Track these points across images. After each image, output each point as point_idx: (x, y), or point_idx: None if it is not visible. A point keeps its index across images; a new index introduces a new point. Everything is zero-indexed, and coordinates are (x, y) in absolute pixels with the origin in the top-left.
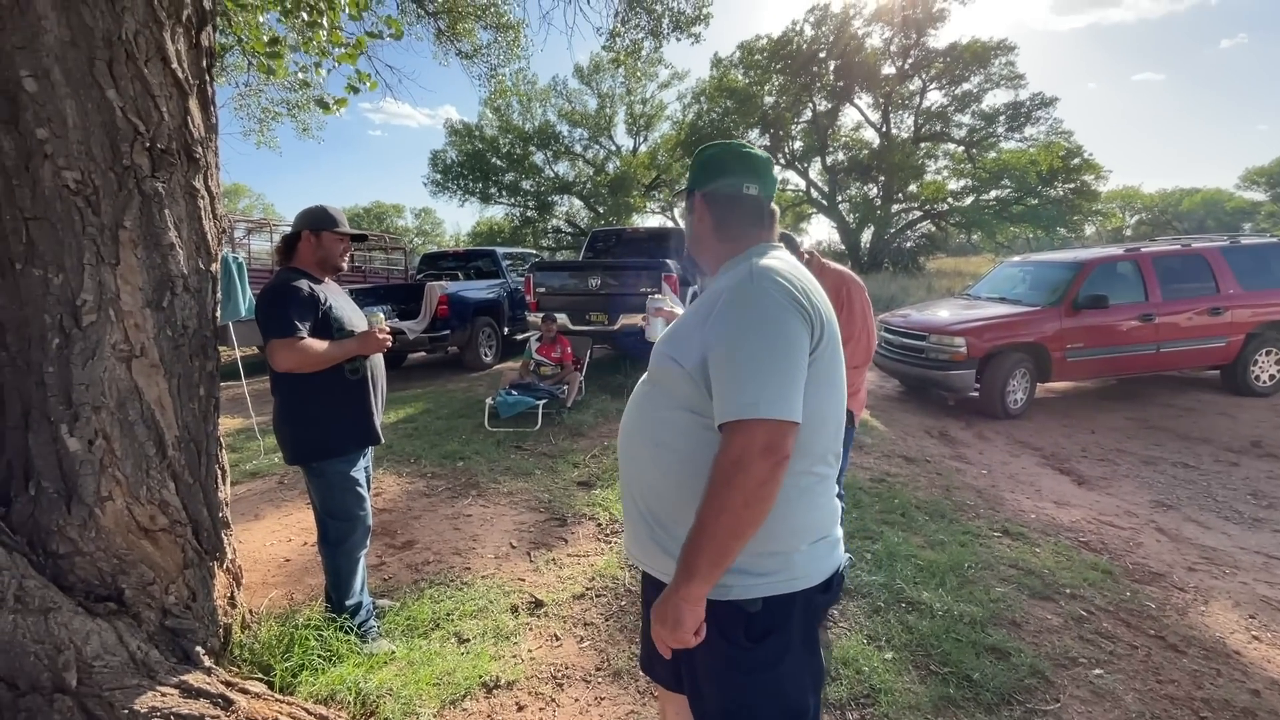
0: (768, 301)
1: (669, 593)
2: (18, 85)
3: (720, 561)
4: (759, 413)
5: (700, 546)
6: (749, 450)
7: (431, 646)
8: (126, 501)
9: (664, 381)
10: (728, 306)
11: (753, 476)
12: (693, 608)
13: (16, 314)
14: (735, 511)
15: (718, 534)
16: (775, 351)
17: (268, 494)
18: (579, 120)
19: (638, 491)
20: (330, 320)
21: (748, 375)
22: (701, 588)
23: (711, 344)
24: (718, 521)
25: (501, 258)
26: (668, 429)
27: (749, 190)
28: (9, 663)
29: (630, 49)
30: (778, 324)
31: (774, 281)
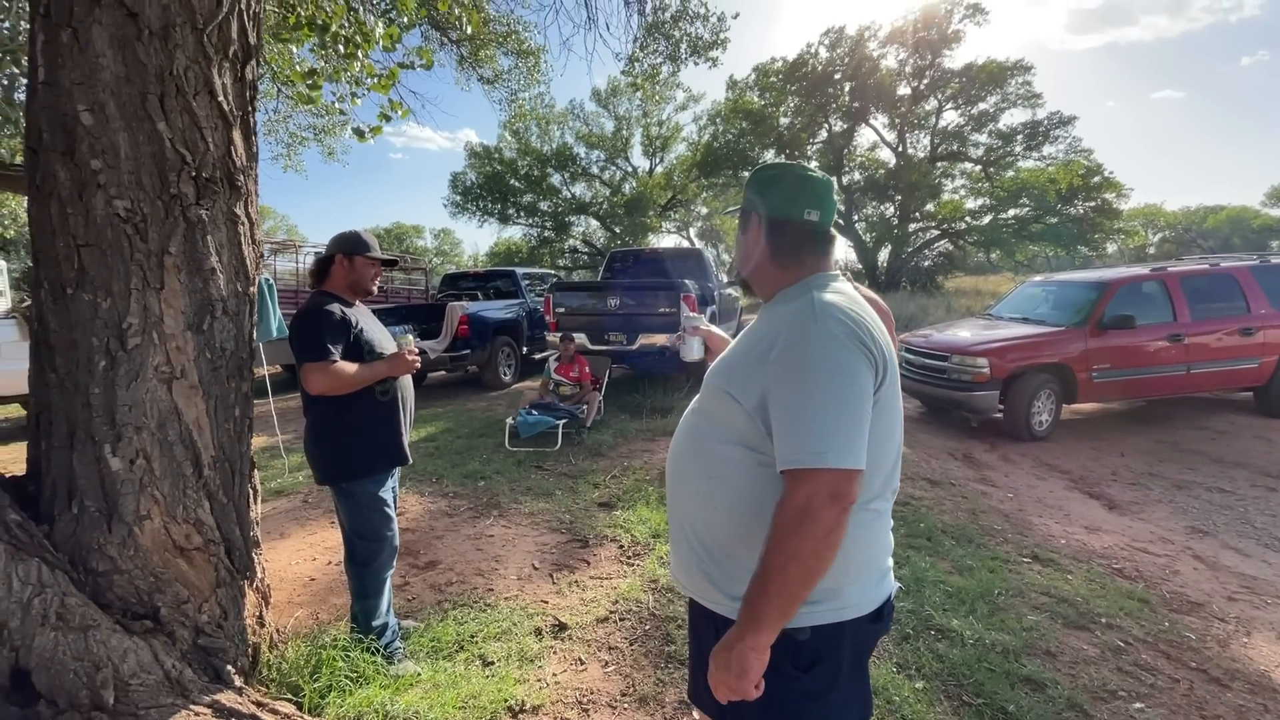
0: (834, 344)
1: (733, 640)
2: (75, 119)
3: (789, 610)
4: (826, 462)
5: (768, 595)
6: (816, 498)
7: (456, 669)
8: (164, 520)
9: (718, 414)
10: (791, 347)
11: (821, 525)
12: (759, 656)
13: (66, 337)
14: (804, 560)
15: (786, 583)
16: (842, 398)
17: (293, 512)
18: (596, 142)
19: (688, 521)
20: (361, 343)
21: (814, 422)
22: (769, 636)
23: (773, 385)
24: (786, 571)
25: (521, 278)
26: (721, 462)
27: (809, 217)
28: (50, 680)
29: (648, 73)
30: (844, 368)
31: (838, 321)
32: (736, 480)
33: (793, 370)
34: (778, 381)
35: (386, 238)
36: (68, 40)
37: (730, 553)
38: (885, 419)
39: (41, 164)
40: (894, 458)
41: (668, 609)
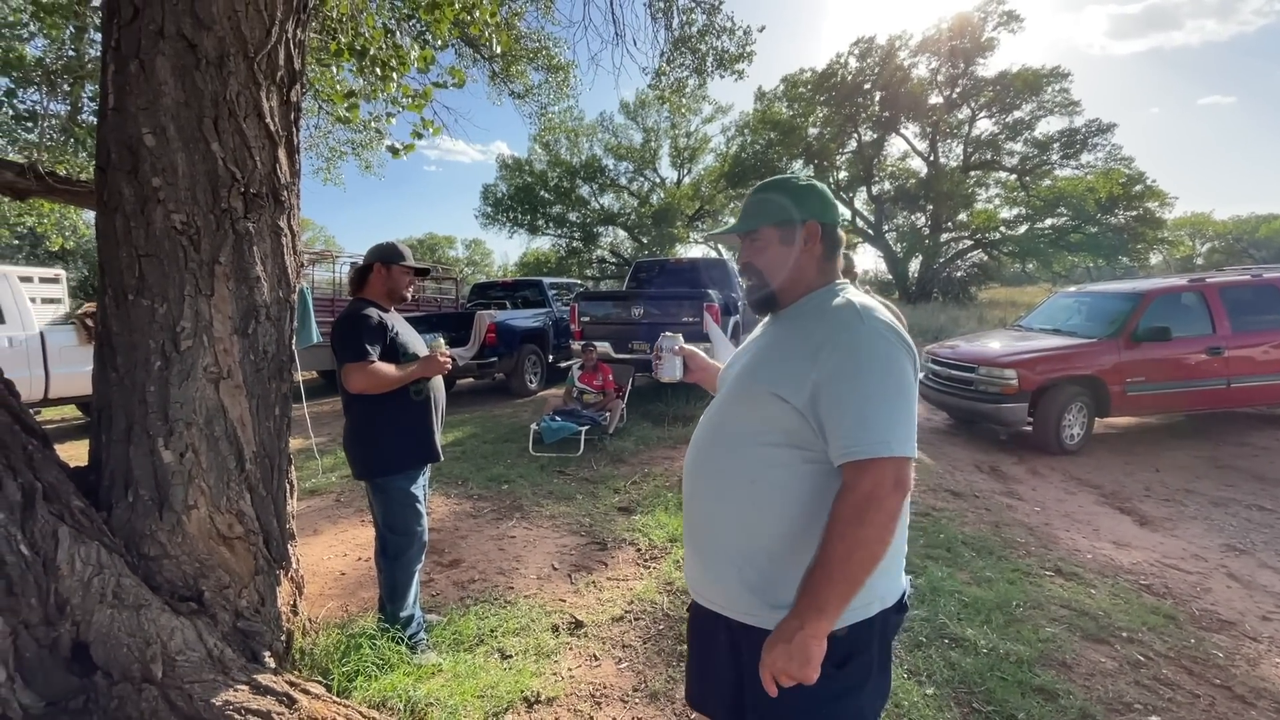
0: (884, 342)
1: (792, 630)
2: (139, 140)
3: (850, 597)
4: (891, 450)
5: (833, 582)
6: (882, 486)
7: (476, 661)
8: (209, 510)
9: (760, 416)
10: (843, 345)
11: (885, 511)
12: (820, 643)
13: (126, 339)
14: (870, 546)
15: (852, 570)
16: (898, 390)
17: (325, 510)
18: (624, 154)
19: (721, 529)
20: (396, 346)
21: (876, 413)
22: (830, 622)
23: (827, 382)
24: (852, 558)
25: (547, 287)
26: (767, 465)
27: (841, 223)
28: (106, 653)
29: (675, 86)
30: (896, 363)
31: (883, 321)
32: (785, 481)
33: (848, 365)
34: (832, 378)
35: (420, 248)
36: (135, 70)
37: (775, 557)
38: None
39: (109, 182)
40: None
41: (682, 610)
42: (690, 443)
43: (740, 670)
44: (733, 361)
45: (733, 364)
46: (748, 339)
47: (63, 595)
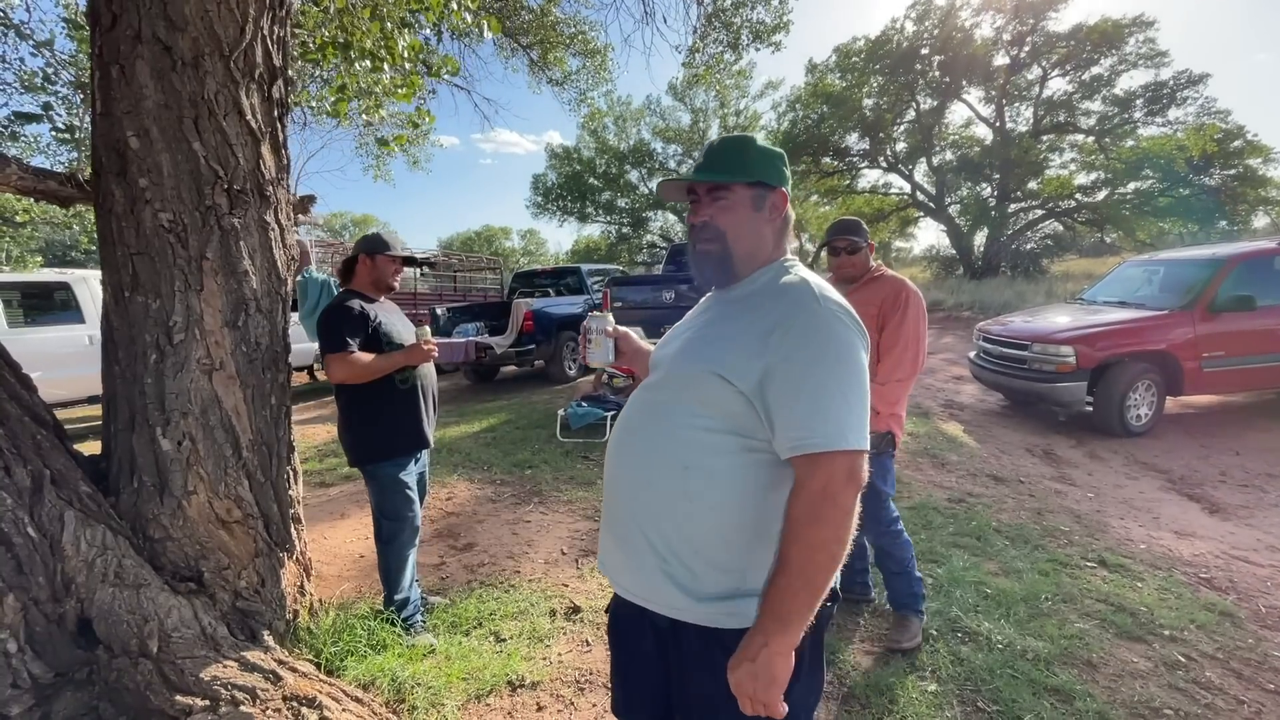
0: (840, 326)
1: (757, 647)
2: (125, 144)
3: (815, 604)
4: (847, 443)
5: (795, 591)
6: (835, 481)
7: (470, 643)
8: (208, 495)
9: (701, 398)
10: (798, 328)
11: (842, 508)
12: (786, 660)
13: (126, 334)
14: (829, 548)
15: (813, 575)
16: (854, 380)
17: (354, 496)
18: (673, 136)
19: (646, 517)
20: (380, 335)
21: (832, 403)
22: (796, 635)
23: (779, 366)
24: (813, 562)
25: (586, 274)
26: (703, 451)
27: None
28: (107, 629)
29: (710, 63)
30: (848, 346)
31: (838, 303)
32: (721, 469)
33: (803, 350)
34: (785, 362)
35: (477, 240)
36: (116, 75)
37: (701, 550)
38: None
39: (102, 184)
40: None
41: None
42: (617, 423)
43: (667, 670)
44: (669, 339)
45: (669, 342)
46: (686, 315)
47: (68, 574)
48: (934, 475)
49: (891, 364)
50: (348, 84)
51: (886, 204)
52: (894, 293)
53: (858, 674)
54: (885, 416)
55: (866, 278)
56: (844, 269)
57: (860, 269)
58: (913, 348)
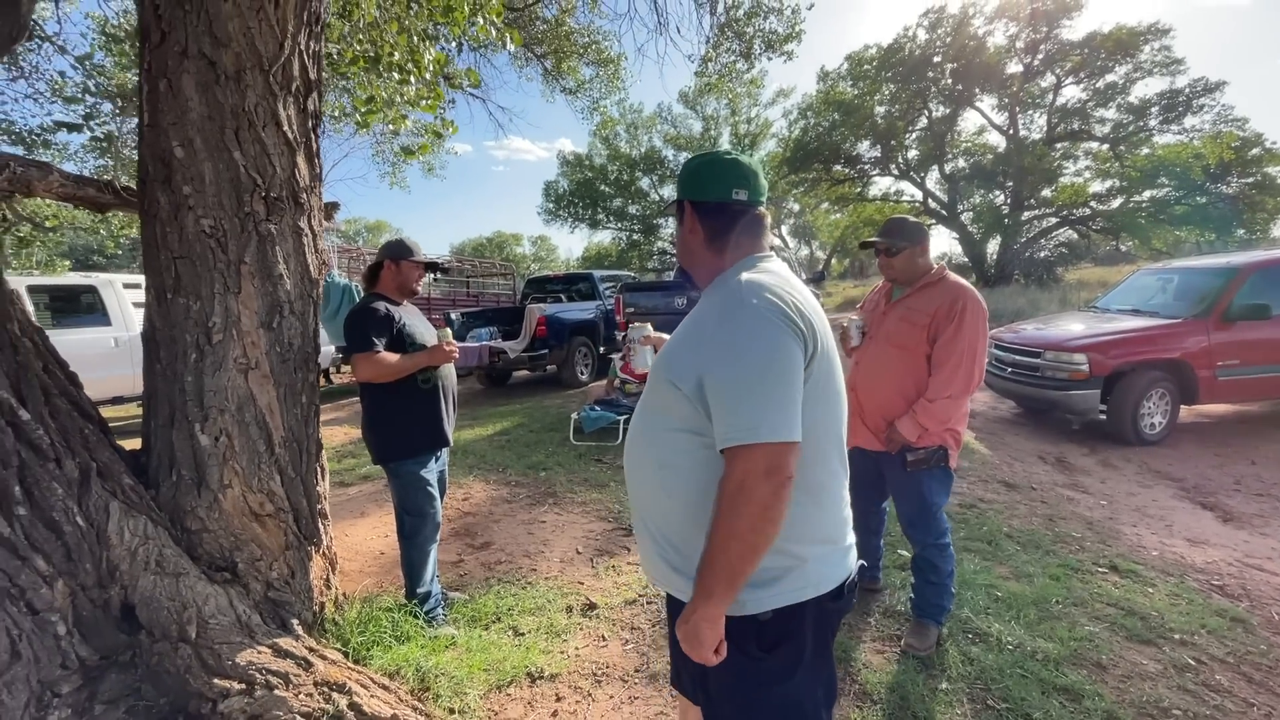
0: (760, 323)
1: (688, 612)
2: (170, 153)
3: (735, 582)
4: (759, 436)
5: (714, 569)
6: (751, 474)
7: (490, 637)
8: (242, 489)
9: (663, 403)
10: (718, 327)
11: (756, 500)
12: (711, 626)
13: (167, 334)
14: (742, 536)
15: (729, 558)
16: (770, 372)
17: (374, 495)
18: (684, 144)
19: (646, 513)
20: (404, 336)
21: (744, 399)
22: (719, 607)
23: (706, 366)
24: (728, 546)
25: (599, 280)
26: (670, 450)
27: (738, 195)
28: (149, 614)
29: (722, 72)
30: (772, 345)
31: (763, 299)
32: (686, 466)
33: (724, 350)
34: (711, 363)
35: (488, 246)
36: (164, 88)
37: (687, 537)
38: (822, 392)
39: (148, 192)
40: (837, 430)
41: None
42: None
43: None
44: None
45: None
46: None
47: (112, 562)
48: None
49: (941, 381)
50: (375, 96)
51: (898, 211)
52: (949, 301)
53: (869, 671)
54: (938, 433)
55: (922, 282)
56: (884, 271)
57: (904, 271)
58: (966, 364)
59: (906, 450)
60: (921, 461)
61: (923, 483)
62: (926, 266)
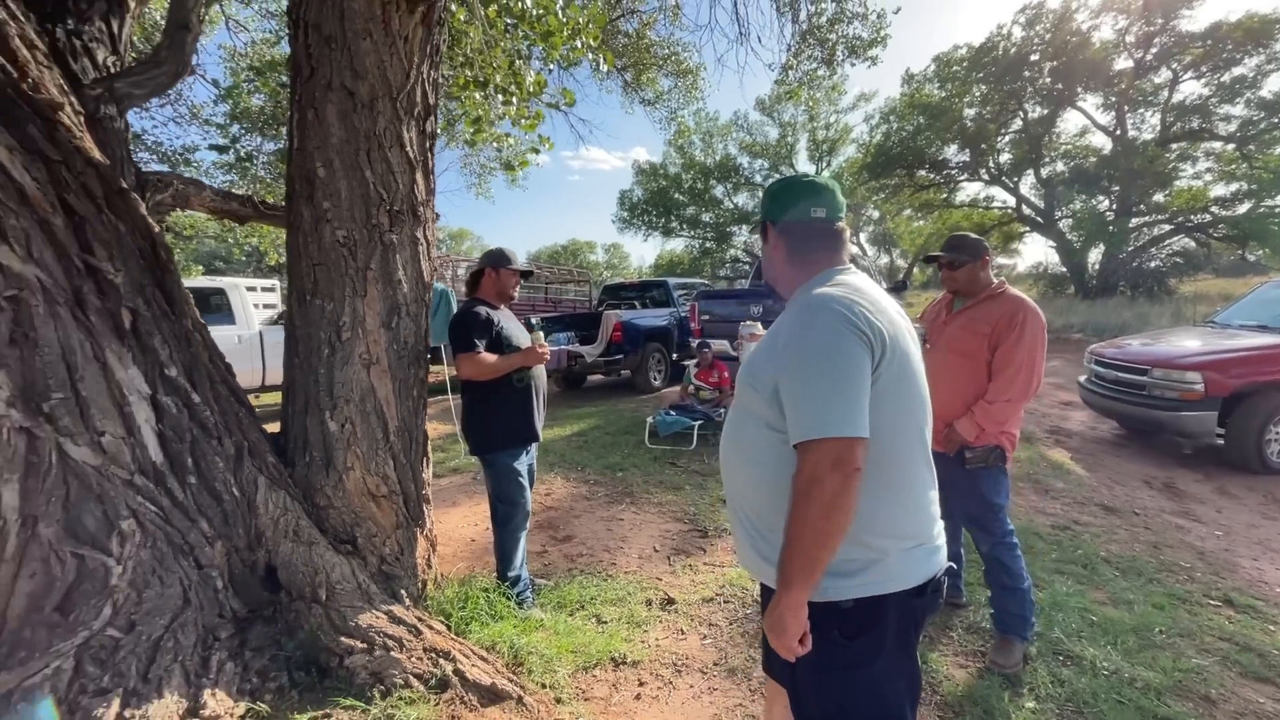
0: (825, 330)
1: (773, 603)
2: (314, 173)
3: (811, 569)
4: (826, 431)
5: (791, 558)
6: (820, 466)
7: (574, 622)
8: (362, 472)
9: (748, 404)
10: (790, 337)
11: (826, 490)
12: (794, 615)
13: (305, 332)
14: (815, 524)
15: (804, 546)
16: (835, 375)
17: (464, 487)
18: (760, 151)
19: (738, 505)
20: (501, 339)
21: (812, 399)
22: (799, 595)
23: (780, 371)
24: (802, 535)
25: (673, 288)
26: (756, 447)
27: (816, 214)
28: (288, 576)
29: (803, 80)
30: (836, 349)
31: (830, 309)
32: (770, 461)
33: (794, 356)
34: (784, 369)
35: (563, 254)
36: (311, 117)
37: (774, 527)
38: (895, 393)
39: (294, 207)
40: (917, 431)
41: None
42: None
43: None
44: None
45: None
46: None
47: (259, 529)
48: (1036, 501)
49: (1001, 384)
50: (481, 117)
51: (988, 218)
52: (1010, 313)
53: (951, 684)
54: (995, 433)
55: (983, 295)
56: (947, 283)
57: (967, 285)
58: (1025, 371)
59: (965, 449)
60: (978, 459)
61: (981, 481)
62: (988, 280)
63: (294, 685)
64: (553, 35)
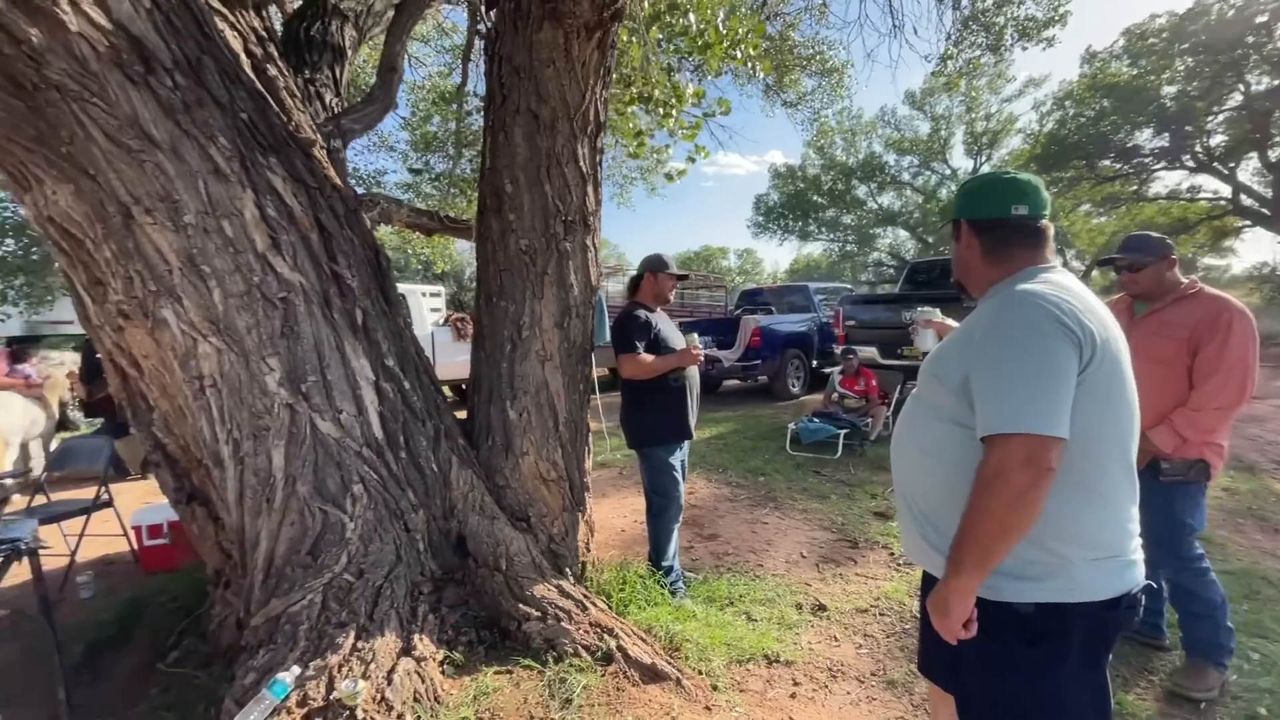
0: (1029, 325)
1: (940, 585)
2: (502, 189)
3: (984, 560)
4: (1019, 426)
5: (965, 545)
6: (1008, 461)
7: (725, 617)
8: (535, 458)
9: (930, 396)
10: (991, 329)
11: (1012, 485)
12: (960, 599)
13: (490, 330)
14: (995, 516)
15: (979, 535)
16: (1037, 370)
17: (611, 480)
18: (908, 147)
19: (909, 494)
20: (659, 341)
21: (1008, 392)
22: (968, 582)
23: (974, 364)
24: (979, 524)
25: (813, 292)
26: (934, 438)
27: (1017, 211)
28: (475, 546)
29: (963, 70)
30: (1039, 344)
31: (1036, 305)
32: (947, 453)
33: (991, 349)
34: (979, 361)
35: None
36: (501, 139)
37: (946, 518)
38: (1102, 398)
39: (484, 220)
40: (1121, 439)
41: None
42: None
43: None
44: None
45: None
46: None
47: (451, 502)
48: (1261, 540)
49: (1209, 391)
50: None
51: (1193, 212)
52: (1212, 315)
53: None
54: (1198, 444)
55: (1174, 296)
56: (1128, 287)
57: (1152, 288)
58: (1237, 376)
59: (1160, 462)
60: (1176, 473)
61: (1174, 499)
62: (1175, 281)
63: (480, 642)
64: (711, 47)
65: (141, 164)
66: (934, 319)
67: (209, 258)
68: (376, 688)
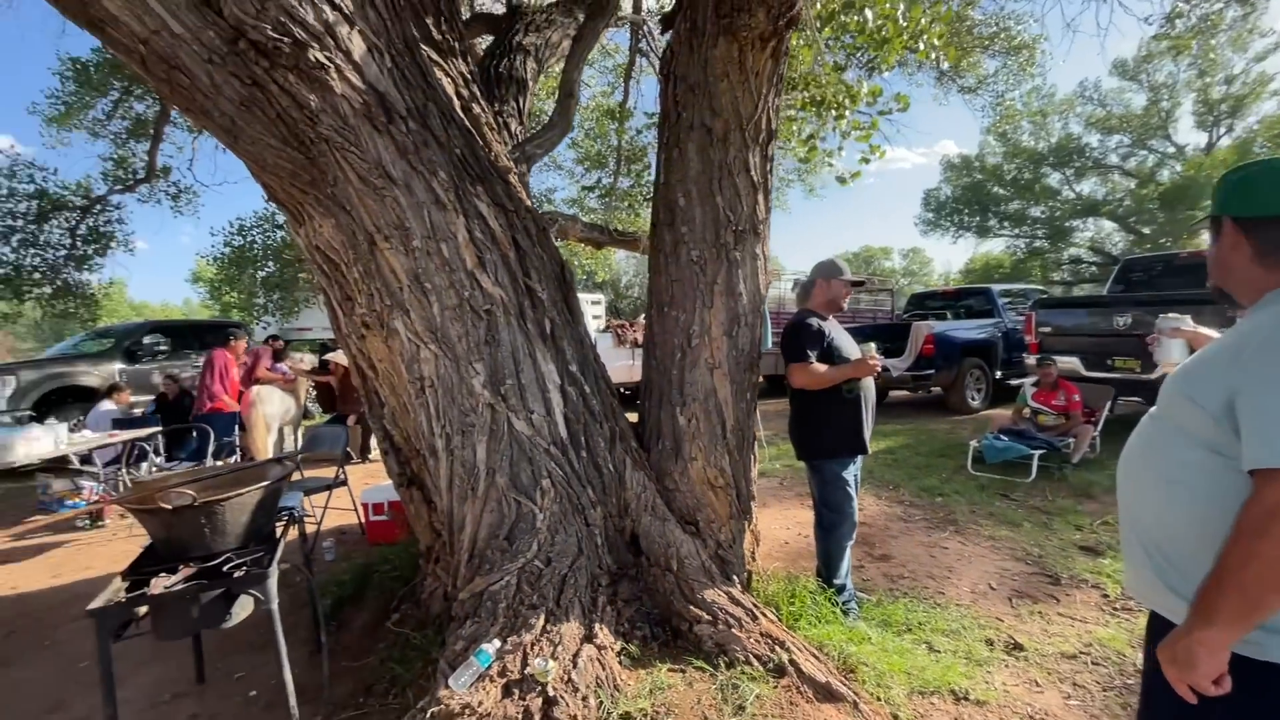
0: None
1: (1181, 632)
2: (675, 203)
3: (1247, 612)
4: None
5: (1223, 591)
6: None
7: (903, 644)
8: (703, 463)
9: (1178, 419)
10: (1267, 347)
11: None
12: (1209, 652)
13: (662, 338)
14: (1265, 557)
15: (1244, 582)
16: None
17: (772, 490)
18: (1116, 125)
19: (1143, 528)
20: (832, 350)
21: None
22: (1222, 635)
23: (1244, 386)
24: (1245, 569)
25: (997, 295)
26: (1183, 467)
27: None
28: (647, 545)
29: (1197, 27)
30: None
31: None
32: (1200, 485)
33: (1266, 367)
34: (1250, 381)
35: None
36: (675, 156)
37: (1190, 557)
38: None
39: (657, 233)
40: None
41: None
42: (1125, 447)
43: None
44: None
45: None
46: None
47: (625, 501)
48: None
49: None
50: (813, 134)
51: None
52: None
53: None
54: None
55: None
56: None
57: None
58: None
59: None
60: None
61: None
62: None
63: (653, 638)
64: (889, 41)
65: (383, 199)
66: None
67: (430, 276)
68: (563, 669)
